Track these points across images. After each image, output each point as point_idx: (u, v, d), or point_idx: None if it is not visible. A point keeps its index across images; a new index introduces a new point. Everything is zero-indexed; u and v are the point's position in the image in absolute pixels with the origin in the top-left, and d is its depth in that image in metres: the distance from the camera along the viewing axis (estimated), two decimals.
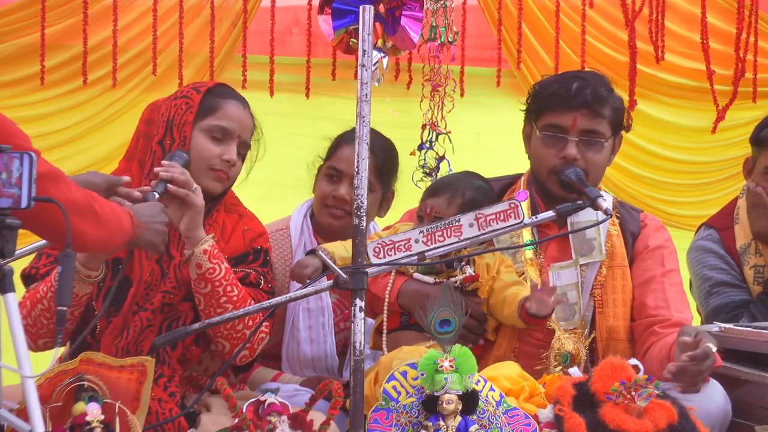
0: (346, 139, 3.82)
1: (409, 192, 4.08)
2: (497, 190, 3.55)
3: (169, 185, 3.05)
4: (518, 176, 3.61)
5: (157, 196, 3.01)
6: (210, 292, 3.10)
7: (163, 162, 3.12)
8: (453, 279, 3.30)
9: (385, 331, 3.31)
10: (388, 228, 3.52)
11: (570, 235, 3.43)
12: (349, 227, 3.68)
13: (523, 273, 3.41)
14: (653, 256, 3.51)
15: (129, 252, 3.12)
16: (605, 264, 3.46)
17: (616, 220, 3.53)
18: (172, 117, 3.25)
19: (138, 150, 3.30)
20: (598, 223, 3.39)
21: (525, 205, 3.45)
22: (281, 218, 3.94)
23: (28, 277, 3.19)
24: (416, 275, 3.33)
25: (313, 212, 3.88)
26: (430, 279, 3.31)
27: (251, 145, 3.37)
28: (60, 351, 2.73)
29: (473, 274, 3.30)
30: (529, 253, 3.43)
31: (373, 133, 3.81)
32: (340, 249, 3.34)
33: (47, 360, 2.40)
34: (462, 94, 5.01)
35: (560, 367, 3.35)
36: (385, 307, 3.30)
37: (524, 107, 3.55)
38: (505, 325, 3.37)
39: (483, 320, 3.33)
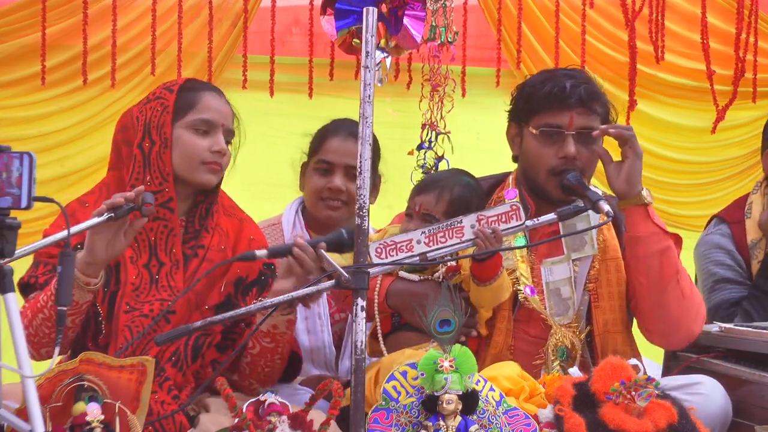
0: (330, 131, 3.83)
1: (407, 192, 4.09)
2: (485, 188, 3.55)
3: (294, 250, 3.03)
4: (506, 175, 3.61)
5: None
6: (272, 349, 3.16)
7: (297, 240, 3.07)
8: (436, 274, 3.30)
9: (380, 333, 3.31)
10: (379, 232, 3.52)
11: (559, 226, 3.42)
12: (346, 217, 3.70)
13: (515, 270, 3.41)
14: None
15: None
16: (597, 258, 3.46)
17: None
18: (149, 120, 3.20)
19: (125, 157, 3.24)
20: (595, 227, 3.39)
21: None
22: (274, 216, 3.94)
23: (26, 287, 3.16)
24: (402, 273, 3.33)
25: (304, 207, 3.88)
26: (415, 276, 3.32)
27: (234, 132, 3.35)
28: (59, 356, 2.73)
29: (453, 264, 3.30)
30: None
31: (351, 122, 3.82)
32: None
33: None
34: (464, 94, 5.01)
35: (557, 362, 3.35)
36: (376, 309, 3.30)
37: (508, 108, 3.56)
38: (499, 320, 3.38)
39: (472, 314, 3.32)
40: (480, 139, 5.30)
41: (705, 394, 3.11)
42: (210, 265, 3.19)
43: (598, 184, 3.89)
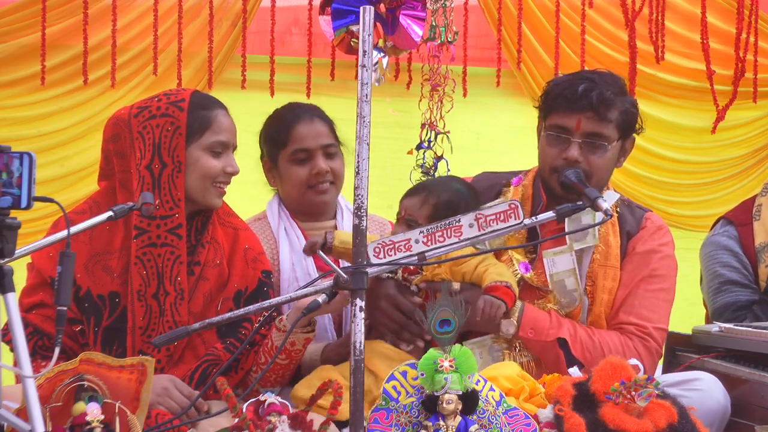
0: (290, 119, 3.70)
1: None
2: (505, 181, 3.56)
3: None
4: (528, 171, 3.62)
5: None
6: (285, 365, 3.18)
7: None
8: (397, 275, 3.29)
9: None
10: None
11: (565, 222, 3.40)
12: (335, 197, 3.69)
13: (511, 259, 3.42)
14: (639, 260, 3.47)
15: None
16: (598, 260, 3.44)
17: (615, 219, 3.51)
18: (159, 140, 3.10)
19: (117, 170, 3.16)
20: (596, 225, 3.38)
21: (518, 190, 3.49)
22: (259, 212, 3.90)
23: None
24: None
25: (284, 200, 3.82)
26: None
27: None
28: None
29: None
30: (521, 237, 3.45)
31: (305, 105, 3.80)
32: (344, 234, 3.27)
33: None
34: (465, 94, 5.02)
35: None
36: None
37: (537, 105, 3.57)
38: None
39: (422, 319, 3.02)
40: (480, 139, 5.31)
41: (703, 390, 3.11)
42: (206, 283, 3.16)
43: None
